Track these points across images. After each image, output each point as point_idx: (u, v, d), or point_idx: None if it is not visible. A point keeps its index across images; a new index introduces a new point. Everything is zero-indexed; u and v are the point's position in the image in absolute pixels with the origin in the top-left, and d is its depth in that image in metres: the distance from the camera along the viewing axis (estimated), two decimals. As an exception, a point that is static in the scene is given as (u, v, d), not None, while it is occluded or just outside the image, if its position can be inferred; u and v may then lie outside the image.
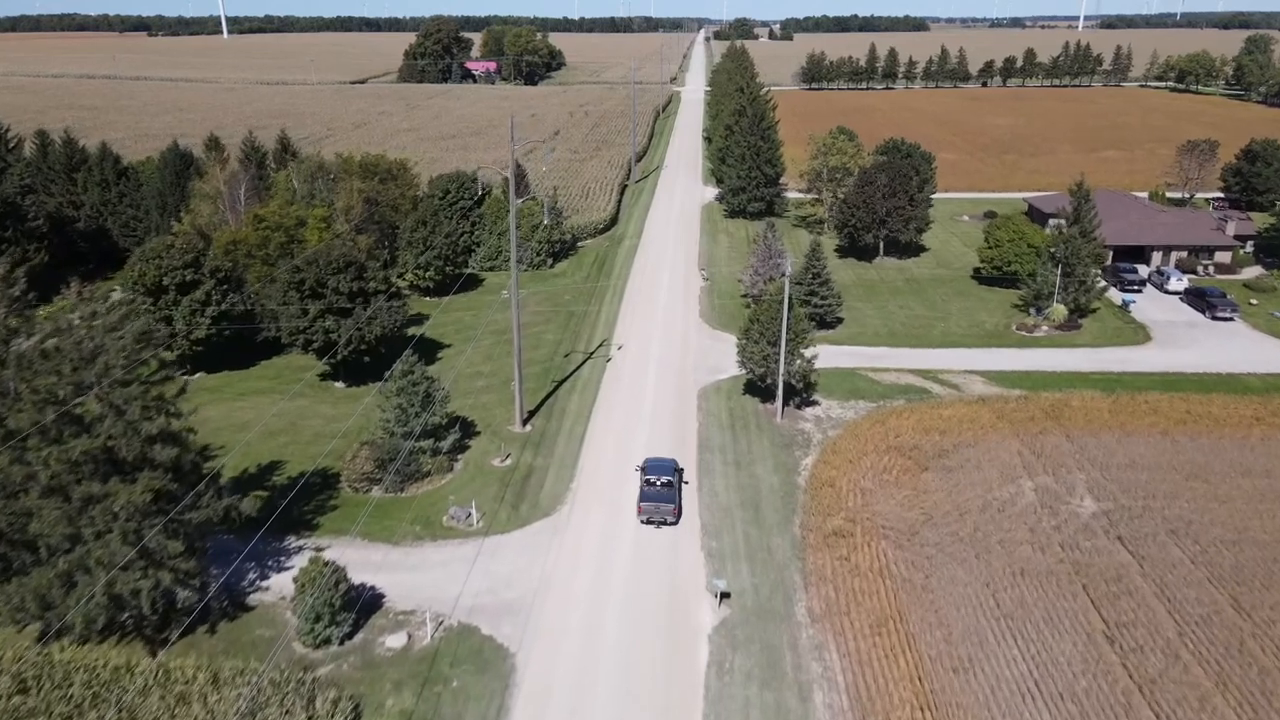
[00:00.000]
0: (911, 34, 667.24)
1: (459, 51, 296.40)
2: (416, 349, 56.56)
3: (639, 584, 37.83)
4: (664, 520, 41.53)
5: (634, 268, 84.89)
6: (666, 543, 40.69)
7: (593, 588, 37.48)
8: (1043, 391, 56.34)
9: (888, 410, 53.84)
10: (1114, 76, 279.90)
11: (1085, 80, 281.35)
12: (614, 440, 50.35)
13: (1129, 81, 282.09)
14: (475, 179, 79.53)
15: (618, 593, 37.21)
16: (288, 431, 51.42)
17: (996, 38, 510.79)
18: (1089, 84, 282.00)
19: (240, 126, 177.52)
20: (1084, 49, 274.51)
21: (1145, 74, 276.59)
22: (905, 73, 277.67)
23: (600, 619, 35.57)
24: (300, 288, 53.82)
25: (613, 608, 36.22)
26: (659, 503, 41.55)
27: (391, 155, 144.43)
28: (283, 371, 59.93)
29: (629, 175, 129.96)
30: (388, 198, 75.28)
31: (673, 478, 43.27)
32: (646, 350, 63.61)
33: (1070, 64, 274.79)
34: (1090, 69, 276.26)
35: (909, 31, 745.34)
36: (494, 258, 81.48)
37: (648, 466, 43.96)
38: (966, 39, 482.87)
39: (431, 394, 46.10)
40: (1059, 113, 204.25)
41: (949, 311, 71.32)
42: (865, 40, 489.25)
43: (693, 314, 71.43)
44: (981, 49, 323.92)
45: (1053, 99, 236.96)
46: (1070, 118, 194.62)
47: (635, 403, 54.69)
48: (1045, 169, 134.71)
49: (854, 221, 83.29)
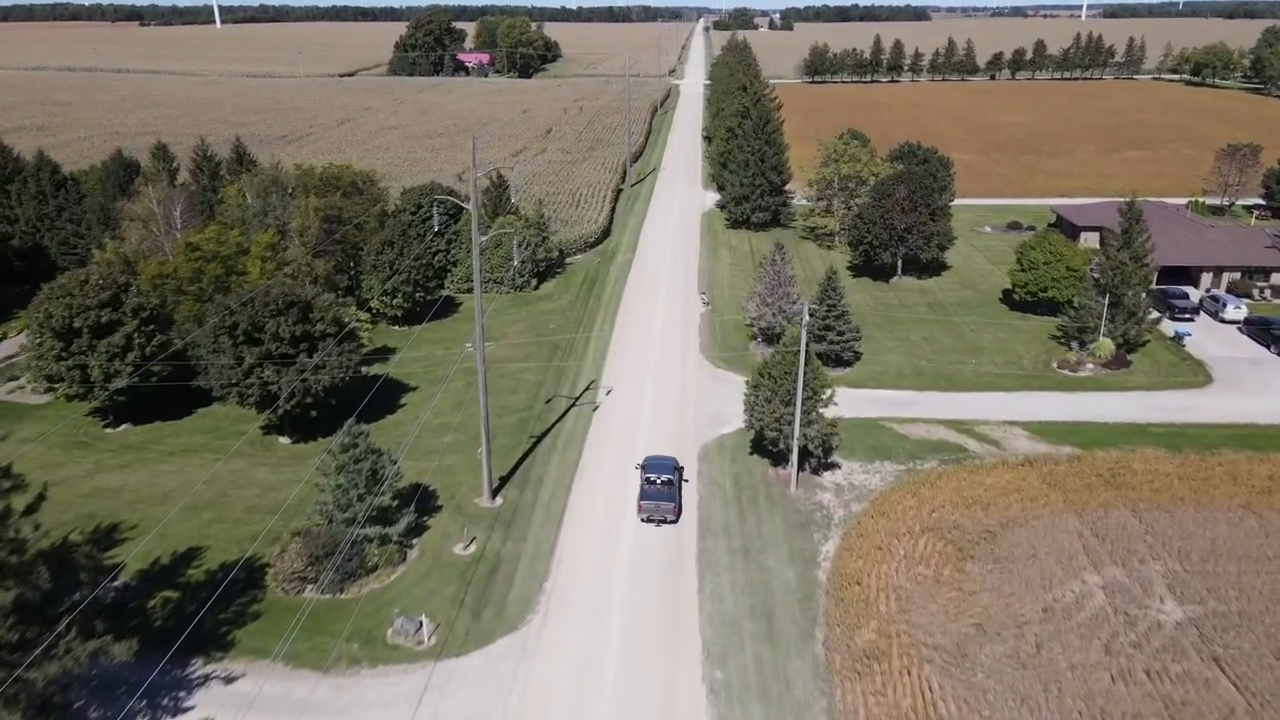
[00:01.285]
0: (914, 24, 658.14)
1: (451, 43, 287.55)
2: (376, 399, 48.96)
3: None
4: (664, 518, 41.54)
5: (627, 288, 77.01)
6: (659, 671, 32.95)
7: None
8: (1097, 449, 48.62)
9: (919, 476, 46.13)
10: (1126, 69, 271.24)
11: (1096, 73, 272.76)
12: (598, 519, 42.61)
13: (1141, 74, 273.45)
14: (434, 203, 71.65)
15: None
16: (216, 505, 43.70)
17: (999, 27, 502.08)
18: (1100, 76, 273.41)
19: (218, 124, 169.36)
20: (1095, 40, 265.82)
21: (1159, 66, 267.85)
22: (911, 65, 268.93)
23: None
24: (232, 333, 46.00)
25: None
26: (659, 501, 41.57)
27: (373, 156, 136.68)
28: (221, 422, 52.13)
29: (624, 178, 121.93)
30: (353, 214, 67.38)
31: (673, 476, 43.15)
32: (640, 395, 55.80)
33: (1081, 56, 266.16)
34: (1102, 61, 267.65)
35: (910, 21, 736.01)
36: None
37: (648, 465, 43.85)
38: (969, 29, 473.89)
39: (379, 470, 38.41)
40: (1073, 108, 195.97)
41: (980, 345, 63.55)
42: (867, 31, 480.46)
43: (692, 347, 63.63)
44: (987, 40, 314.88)
45: (1065, 93, 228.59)
46: (1086, 114, 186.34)
47: (625, 466, 46.93)
48: (1066, 171, 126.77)
49: (870, 239, 75.44)
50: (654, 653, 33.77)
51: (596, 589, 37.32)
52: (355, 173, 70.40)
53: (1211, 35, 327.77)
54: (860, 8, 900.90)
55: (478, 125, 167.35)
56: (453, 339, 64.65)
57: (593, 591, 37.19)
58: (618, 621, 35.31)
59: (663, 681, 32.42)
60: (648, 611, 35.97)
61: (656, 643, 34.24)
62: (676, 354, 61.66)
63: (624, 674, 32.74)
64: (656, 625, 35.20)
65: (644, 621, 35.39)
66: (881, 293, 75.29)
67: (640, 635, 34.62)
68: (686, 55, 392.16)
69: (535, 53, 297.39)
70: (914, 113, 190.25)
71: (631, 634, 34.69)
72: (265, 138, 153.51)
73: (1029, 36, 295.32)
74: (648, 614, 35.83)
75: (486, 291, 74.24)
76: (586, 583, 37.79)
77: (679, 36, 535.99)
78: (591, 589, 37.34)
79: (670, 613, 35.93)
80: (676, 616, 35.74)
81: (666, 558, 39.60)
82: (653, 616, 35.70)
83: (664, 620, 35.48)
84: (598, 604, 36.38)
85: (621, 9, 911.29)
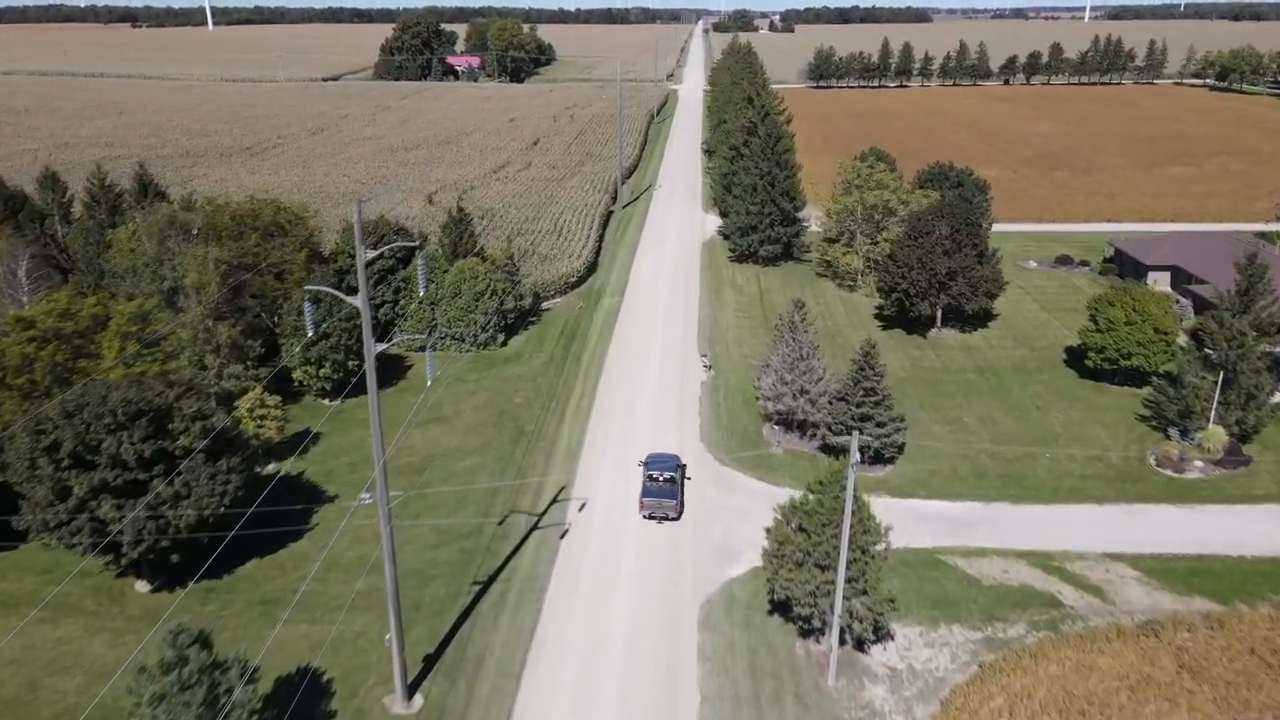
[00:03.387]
0: (916, 25, 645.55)
1: (439, 46, 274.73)
2: (278, 514, 36.19)
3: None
4: (665, 515, 40.90)
5: (612, 346, 64.14)
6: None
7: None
8: (1239, 603, 35.95)
9: (1005, 653, 33.35)
10: (1146, 73, 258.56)
11: (1114, 77, 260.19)
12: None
13: (1162, 78, 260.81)
14: (307, 296, 59.09)
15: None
16: (19, 705, 30.92)
17: (1001, 29, 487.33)
18: (1119, 81, 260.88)
19: (179, 134, 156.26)
20: (1115, 43, 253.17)
21: (1181, 71, 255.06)
22: (920, 69, 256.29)
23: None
24: (53, 455, 33.24)
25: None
26: (661, 498, 40.83)
27: (340, 171, 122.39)
28: (63, 558, 39.28)
29: (615, 199, 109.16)
30: (273, 261, 54.65)
31: (675, 474, 42.26)
32: (623, 512, 42.89)
33: (1099, 60, 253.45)
34: (1121, 65, 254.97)
35: (912, 23, 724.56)
36: (425, 333, 60.83)
37: (650, 462, 43.31)
38: (971, 30, 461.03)
39: (220, 698, 25.64)
40: (1100, 116, 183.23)
41: (1051, 427, 50.81)
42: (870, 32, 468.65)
43: (690, 434, 50.77)
44: (990, 42, 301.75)
45: (1086, 99, 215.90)
46: (1116, 123, 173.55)
47: (597, 636, 34.15)
48: (1105, 190, 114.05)
49: (905, 285, 62.73)
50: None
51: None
52: (279, 210, 57.44)
53: (1222, 38, 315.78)
54: (861, 9, 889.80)
55: (459, 135, 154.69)
56: (395, 416, 51.63)
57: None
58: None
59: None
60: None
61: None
62: (671, 446, 48.69)
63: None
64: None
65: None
66: (919, 351, 62.52)
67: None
68: (685, 59, 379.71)
69: (528, 56, 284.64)
70: (929, 121, 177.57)
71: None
72: (228, 150, 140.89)
73: (1033, 38, 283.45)
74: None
75: (443, 350, 61.46)
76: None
77: (677, 39, 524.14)
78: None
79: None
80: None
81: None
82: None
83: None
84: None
85: (620, 11, 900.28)
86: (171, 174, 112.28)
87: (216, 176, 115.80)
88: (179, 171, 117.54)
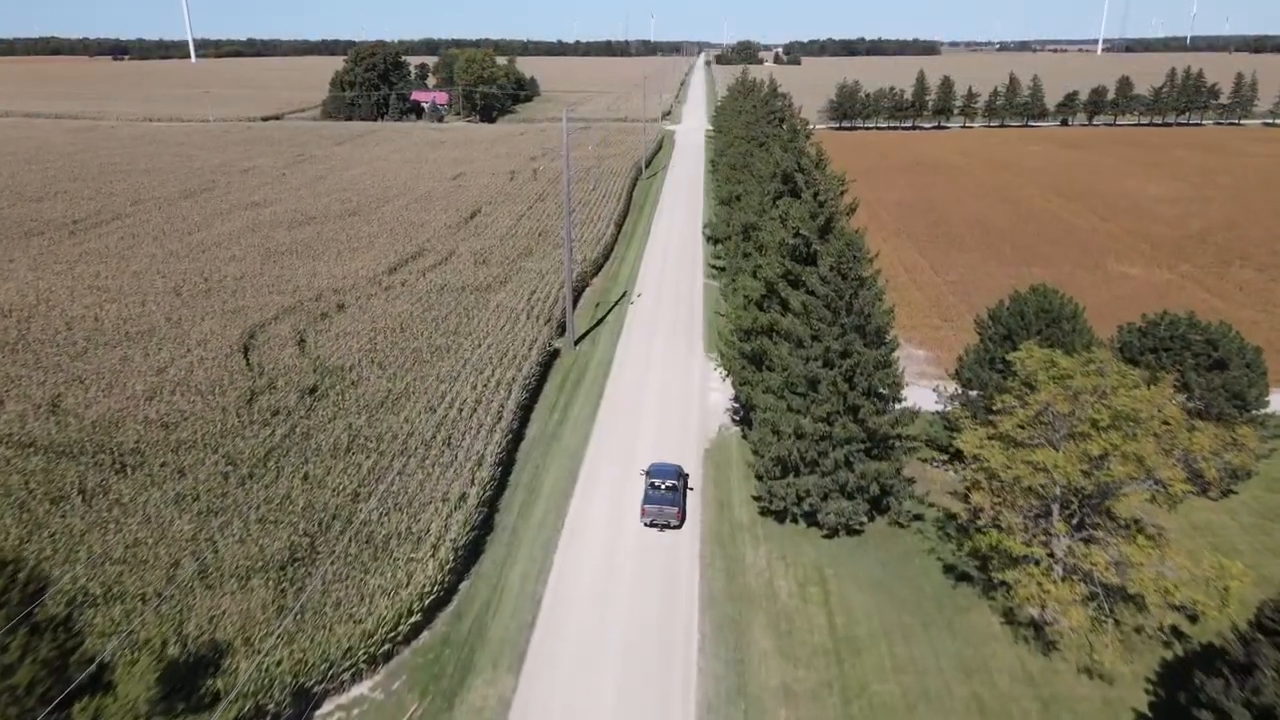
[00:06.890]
0: (927, 58, 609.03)
1: (399, 80, 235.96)
2: None
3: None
4: (667, 523, 40.12)
5: None
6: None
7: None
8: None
9: None
10: (1231, 111, 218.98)
11: (1192, 116, 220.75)
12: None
13: (1251, 118, 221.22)
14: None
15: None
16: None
17: (1007, 62, 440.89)
18: (1199, 121, 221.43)
19: (13, 198, 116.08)
20: (1196, 76, 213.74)
21: (1274, 109, 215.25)
22: (963, 108, 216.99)
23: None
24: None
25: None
26: (663, 505, 40.11)
27: (169, 268, 72.05)
28: None
29: (563, 331, 67.50)
30: None
31: (677, 482, 41.47)
32: None
33: (1177, 97, 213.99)
34: (1203, 103, 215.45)
35: (921, 55, 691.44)
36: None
37: (652, 470, 42.13)
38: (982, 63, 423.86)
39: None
40: (1218, 170, 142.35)
41: None
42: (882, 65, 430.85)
43: None
44: (1045, 76, 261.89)
45: (1177, 145, 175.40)
46: (1255, 179, 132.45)
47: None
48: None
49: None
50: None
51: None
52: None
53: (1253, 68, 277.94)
54: (867, 41, 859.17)
55: (377, 203, 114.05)
56: None
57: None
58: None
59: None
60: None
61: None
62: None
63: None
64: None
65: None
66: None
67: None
68: (685, 94, 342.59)
69: (502, 91, 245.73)
70: (999, 180, 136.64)
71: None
72: (45, 222, 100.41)
73: (1072, 71, 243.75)
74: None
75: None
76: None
77: (677, 72, 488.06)
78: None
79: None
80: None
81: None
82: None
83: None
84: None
85: (620, 43, 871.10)
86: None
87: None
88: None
